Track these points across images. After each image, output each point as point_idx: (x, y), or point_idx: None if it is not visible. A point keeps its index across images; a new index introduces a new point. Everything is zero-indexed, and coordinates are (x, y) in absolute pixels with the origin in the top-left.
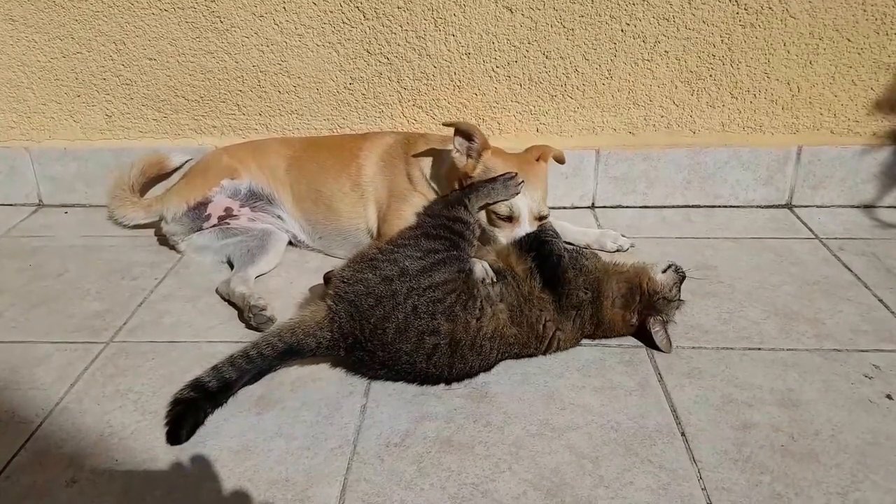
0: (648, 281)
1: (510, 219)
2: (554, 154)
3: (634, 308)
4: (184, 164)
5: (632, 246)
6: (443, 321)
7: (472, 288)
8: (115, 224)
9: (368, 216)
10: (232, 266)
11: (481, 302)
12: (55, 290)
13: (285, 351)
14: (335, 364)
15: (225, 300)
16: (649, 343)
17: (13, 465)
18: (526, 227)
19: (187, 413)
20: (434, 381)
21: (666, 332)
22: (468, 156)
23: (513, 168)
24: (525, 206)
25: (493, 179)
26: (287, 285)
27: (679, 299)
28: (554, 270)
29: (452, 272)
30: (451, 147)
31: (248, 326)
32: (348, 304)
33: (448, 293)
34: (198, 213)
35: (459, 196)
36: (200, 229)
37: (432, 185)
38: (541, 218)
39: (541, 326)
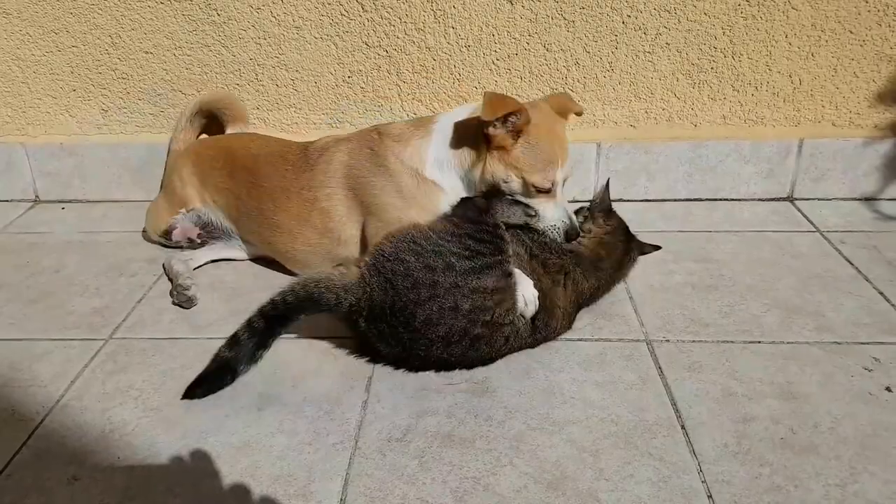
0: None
1: (548, 190)
2: (575, 110)
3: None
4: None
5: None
6: (481, 328)
7: (513, 300)
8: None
9: (351, 248)
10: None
11: (514, 317)
12: (53, 286)
13: (305, 298)
14: (336, 360)
15: (165, 273)
16: None
17: (15, 462)
18: (561, 197)
19: (213, 376)
20: (443, 367)
21: None
22: (505, 128)
23: (556, 140)
24: (562, 176)
25: (515, 204)
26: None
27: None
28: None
29: (500, 279)
30: (453, 123)
31: (173, 302)
32: (384, 280)
33: (497, 303)
34: (169, 239)
35: (487, 206)
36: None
37: (443, 179)
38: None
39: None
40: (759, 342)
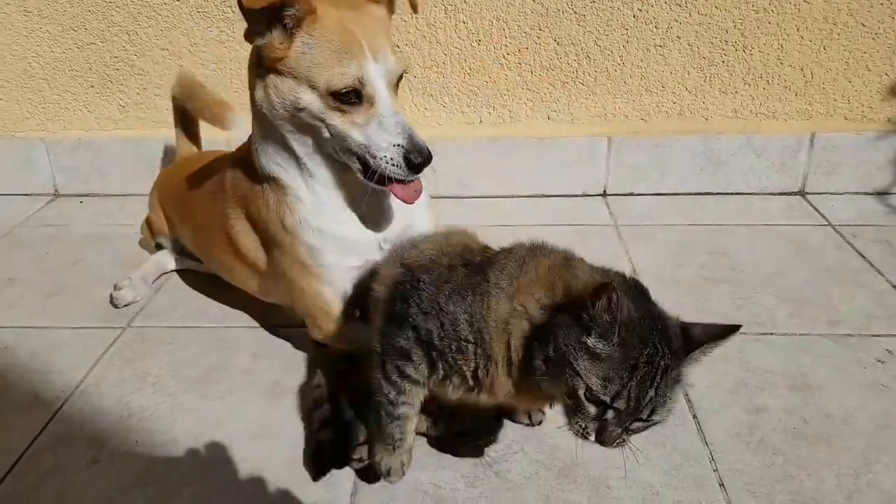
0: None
1: (360, 97)
2: None
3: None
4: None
5: None
6: None
7: None
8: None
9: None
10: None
11: None
12: (71, 277)
13: None
14: None
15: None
16: None
17: (35, 445)
18: (387, 105)
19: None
20: None
21: None
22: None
23: (353, 24)
24: (380, 74)
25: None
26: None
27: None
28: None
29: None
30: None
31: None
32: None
33: None
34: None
35: None
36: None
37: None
38: (400, 80)
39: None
40: (772, 334)
